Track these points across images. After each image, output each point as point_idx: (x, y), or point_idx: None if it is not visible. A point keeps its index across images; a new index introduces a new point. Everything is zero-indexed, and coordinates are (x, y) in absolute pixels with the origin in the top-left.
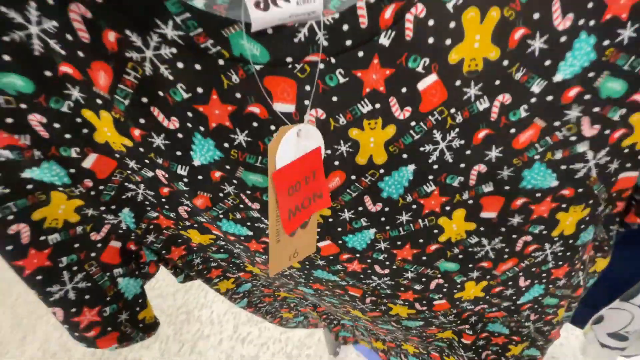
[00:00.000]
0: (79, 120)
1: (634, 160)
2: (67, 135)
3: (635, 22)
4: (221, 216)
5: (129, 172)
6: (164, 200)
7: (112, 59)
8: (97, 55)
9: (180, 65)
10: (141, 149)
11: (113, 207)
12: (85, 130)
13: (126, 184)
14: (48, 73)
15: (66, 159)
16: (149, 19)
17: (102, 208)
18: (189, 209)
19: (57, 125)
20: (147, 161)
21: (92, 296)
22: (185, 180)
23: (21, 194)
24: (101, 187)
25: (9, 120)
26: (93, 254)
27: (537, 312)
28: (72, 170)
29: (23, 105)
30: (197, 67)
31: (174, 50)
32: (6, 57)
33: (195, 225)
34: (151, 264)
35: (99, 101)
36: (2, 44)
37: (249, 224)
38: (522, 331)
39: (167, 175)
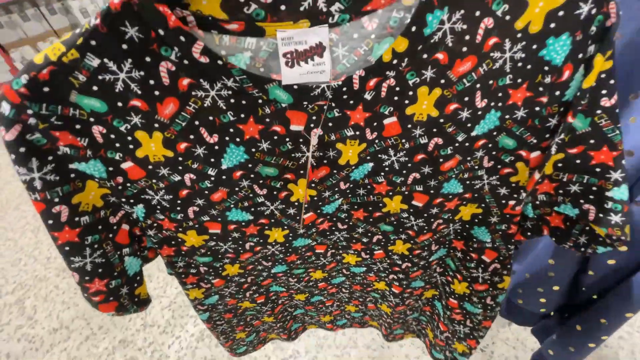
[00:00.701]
0: (129, 137)
1: (518, 192)
2: (117, 144)
3: (525, 108)
4: (232, 206)
5: (154, 180)
6: (178, 202)
7: (181, 95)
8: (170, 93)
9: (232, 101)
10: (180, 158)
11: (132, 200)
12: (131, 146)
13: (147, 189)
14: (120, 104)
15: (110, 159)
16: (218, 75)
17: (123, 199)
18: (198, 209)
19: (112, 136)
20: (180, 167)
21: (103, 270)
22: (212, 179)
23: (67, 182)
24: (128, 185)
25: (77, 126)
26: (110, 235)
27: (441, 267)
28: (111, 169)
29: (92, 119)
30: (244, 102)
31: (230, 92)
32: (95, 88)
33: (196, 226)
34: (150, 250)
35: (155, 125)
36: (96, 80)
37: (252, 209)
38: (432, 280)
39: (195, 177)
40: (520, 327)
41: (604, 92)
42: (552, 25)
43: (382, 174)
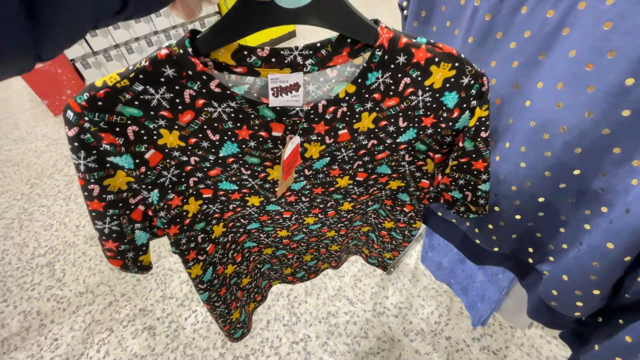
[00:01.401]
0: (155, 132)
1: (427, 175)
2: (144, 137)
3: (432, 128)
4: (223, 179)
5: (168, 160)
6: (183, 174)
7: (197, 110)
8: (189, 108)
9: (232, 115)
10: (190, 147)
11: (150, 187)
12: (154, 137)
13: (163, 171)
14: (152, 113)
15: (137, 152)
16: (225, 99)
17: (143, 186)
18: (197, 179)
19: (142, 132)
20: (189, 152)
21: (117, 235)
22: (211, 161)
23: (103, 169)
24: (148, 173)
25: (117, 129)
26: (127, 212)
27: (376, 214)
28: (137, 160)
29: (129, 122)
30: (240, 116)
31: (232, 110)
32: (136, 102)
33: (194, 192)
34: (159, 229)
35: (175, 127)
36: (138, 98)
37: (238, 183)
38: (368, 221)
39: (198, 159)
40: (535, 333)
41: (483, 128)
42: (447, 85)
43: (336, 163)
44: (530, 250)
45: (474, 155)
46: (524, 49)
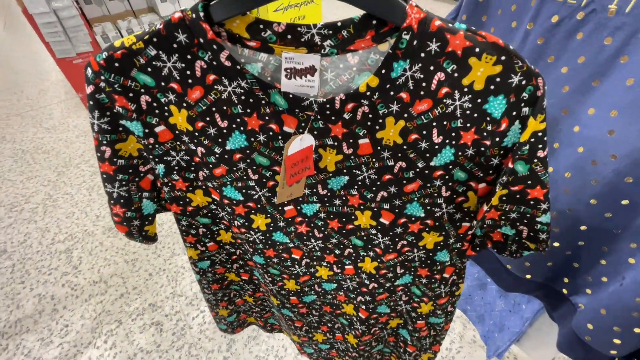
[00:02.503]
0: (166, 108)
1: (469, 216)
2: (156, 111)
3: (473, 147)
4: (227, 183)
5: (178, 142)
6: (193, 164)
7: (206, 87)
8: (199, 83)
9: (242, 97)
10: (196, 133)
11: (157, 159)
12: (166, 114)
13: (171, 151)
14: (163, 83)
15: (148, 123)
16: (235, 76)
17: (151, 156)
18: (206, 175)
19: (154, 104)
20: (196, 140)
21: (124, 201)
22: (217, 155)
23: (115, 132)
24: (157, 146)
25: (131, 94)
26: (136, 179)
27: (407, 295)
28: (147, 130)
29: (142, 90)
30: (251, 100)
31: (242, 90)
32: (149, 69)
33: (203, 187)
34: (166, 202)
35: (184, 104)
36: (151, 64)
37: (244, 191)
38: (397, 309)
39: (204, 151)
40: None
41: (540, 146)
42: (492, 87)
43: (356, 187)
44: (566, 280)
45: (529, 182)
46: (576, 74)
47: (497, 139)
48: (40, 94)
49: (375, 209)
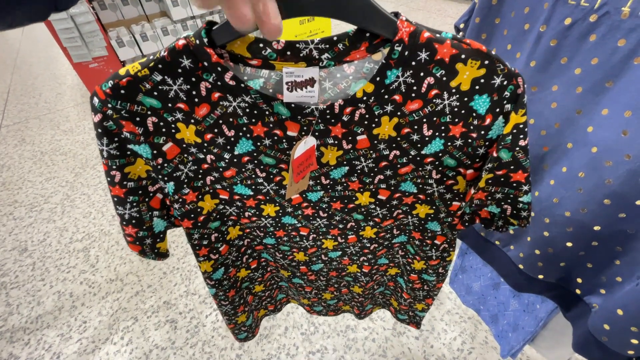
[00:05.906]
0: (173, 126)
1: (459, 196)
2: (163, 130)
3: (461, 139)
4: (238, 182)
5: (185, 155)
6: (200, 171)
7: (212, 103)
8: (205, 101)
9: (247, 110)
10: (205, 144)
11: (166, 178)
12: (172, 131)
13: (179, 165)
14: (170, 104)
15: (155, 143)
16: (240, 92)
17: (160, 176)
18: (214, 179)
19: (161, 124)
20: (205, 150)
21: (136, 222)
22: (226, 160)
23: (124, 156)
24: (165, 165)
25: (138, 119)
26: (146, 199)
27: (403, 250)
28: (155, 151)
29: (149, 112)
30: (255, 112)
31: (247, 105)
32: (155, 93)
33: (211, 191)
34: (176, 219)
35: (192, 120)
36: (157, 88)
37: (253, 187)
38: (395, 260)
39: (214, 158)
40: None
41: (521, 136)
42: (477, 87)
43: (355, 175)
44: (579, 280)
45: (512, 167)
46: (589, 76)
47: (483, 132)
48: (58, 97)
49: (374, 190)
